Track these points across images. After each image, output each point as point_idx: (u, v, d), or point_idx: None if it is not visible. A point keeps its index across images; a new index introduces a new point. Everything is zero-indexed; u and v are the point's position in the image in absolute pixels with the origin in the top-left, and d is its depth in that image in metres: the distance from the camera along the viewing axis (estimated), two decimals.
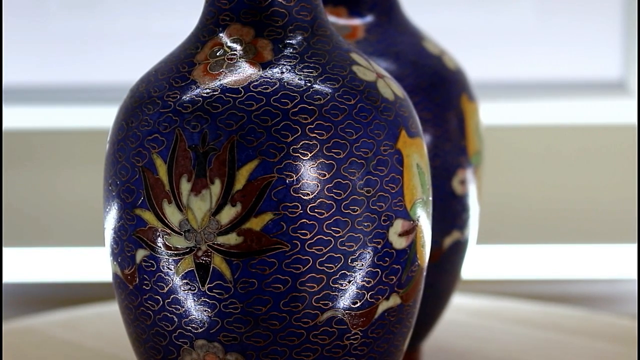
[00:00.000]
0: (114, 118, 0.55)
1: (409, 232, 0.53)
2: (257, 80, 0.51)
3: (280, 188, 0.49)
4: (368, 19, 0.69)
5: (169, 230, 0.51)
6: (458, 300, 0.89)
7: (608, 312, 1.39)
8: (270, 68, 0.52)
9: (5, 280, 1.47)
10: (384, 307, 0.53)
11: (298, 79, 0.51)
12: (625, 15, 1.48)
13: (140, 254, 0.52)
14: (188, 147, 0.50)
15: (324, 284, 0.50)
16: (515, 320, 0.85)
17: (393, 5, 0.69)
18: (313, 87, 0.51)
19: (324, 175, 0.50)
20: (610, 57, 1.49)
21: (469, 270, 0.75)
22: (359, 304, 0.52)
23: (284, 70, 0.52)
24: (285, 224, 0.49)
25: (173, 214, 0.50)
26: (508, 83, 1.49)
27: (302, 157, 0.50)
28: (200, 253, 0.50)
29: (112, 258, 0.54)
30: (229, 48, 0.53)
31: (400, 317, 0.54)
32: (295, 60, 0.52)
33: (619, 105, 1.47)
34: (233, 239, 0.50)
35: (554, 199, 1.48)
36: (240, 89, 0.51)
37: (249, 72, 0.52)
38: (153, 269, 0.52)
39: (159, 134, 0.51)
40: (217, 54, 0.53)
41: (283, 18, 0.53)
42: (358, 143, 0.51)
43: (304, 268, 0.50)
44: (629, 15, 1.47)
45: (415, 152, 0.54)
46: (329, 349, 0.52)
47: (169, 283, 0.51)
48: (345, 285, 0.51)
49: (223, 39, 0.53)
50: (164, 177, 0.51)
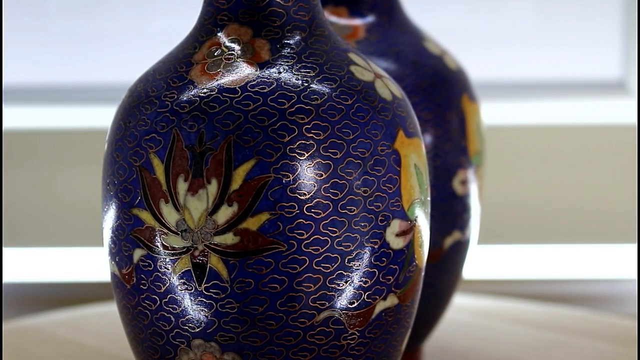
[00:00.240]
0: (113, 118, 0.55)
1: (407, 232, 0.53)
2: (254, 80, 0.51)
3: (277, 188, 0.49)
4: (369, 19, 0.68)
5: (166, 230, 0.51)
6: (459, 301, 0.88)
7: (608, 312, 1.39)
8: (268, 68, 0.52)
9: (5, 280, 1.47)
10: (381, 307, 0.52)
11: (295, 79, 0.51)
12: (625, 15, 1.47)
13: (138, 254, 0.52)
14: (185, 146, 0.50)
15: (321, 284, 0.50)
16: (517, 321, 0.84)
17: (394, 6, 0.69)
18: (310, 87, 0.51)
19: (321, 175, 0.50)
20: (610, 57, 1.49)
21: (470, 270, 0.75)
22: (356, 304, 0.51)
23: (282, 70, 0.52)
24: (282, 224, 0.49)
25: (170, 214, 0.50)
26: (507, 83, 1.49)
27: (298, 157, 0.49)
28: (197, 253, 0.50)
29: (110, 258, 0.54)
30: (227, 48, 0.53)
31: (398, 317, 0.54)
32: (293, 60, 0.52)
33: (619, 105, 1.47)
34: (230, 239, 0.49)
35: (554, 199, 1.48)
36: (238, 89, 0.51)
37: (247, 72, 0.52)
38: (150, 269, 0.52)
39: (156, 134, 0.51)
40: (214, 54, 0.53)
41: (281, 18, 0.53)
42: (355, 143, 0.51)
43: (301, 268, 0.50)
44: (629, 15, 1.47)
45: (413, 152, 0.54)
46: (326, 349, 0.52)
47: (166, 283, 0.51)
48: (342, 285, 0.51)
49: (221, 39, 0.53)
50: (161, 176, 0.51)
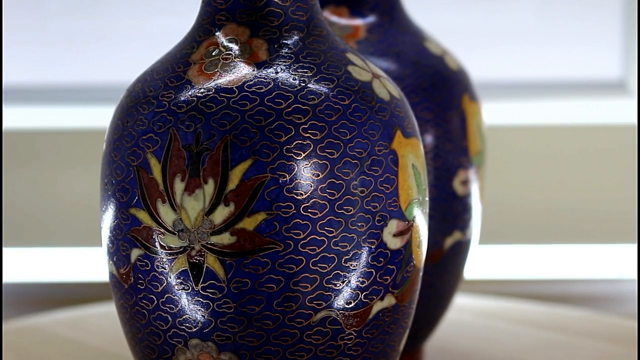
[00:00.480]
0: (111, 117, 0.55)
1: (404, 232, 0.53)
2: (251, 80, 0.51)
3: (274, 188, 0.49)
4: (370, 19, 0.68)
5: (163, 230, 0.50)
6: (460, 301, 0.88)
7: (608, 312, 1.39)
8: (265, 68, 0.52)
9: (5, 280, 1.47)
10: (379, 307, 0.52)
11: (292, 79, 0.51)
12: (625, 15, 1.47)
13: (135, 254, 0.52)
14: (182, 146, 0.50)
15: (318, 284, 0.50)
16: (518, 321, 0.84)
17: (395, 6, 0.69)
18: (307, 87, 0.51)
19: (318, 176, 0.50)
20: (610, 57, 1.49)
21: (472, 270, 0.75)
22: (353, 304, 0.51)
23: (279, 70, 0.52)
24: (279, 224, 0.49)
25: (167, 214, 0.50)
26: (507, 83, 1.49)
27: (295, 157, 0.49)
28: (194, 253, 0.50)
29: (108, 257, 0.54)
30: (224, 48, 0.53)
31: (396, 317, 0.54)
32: (290, 60, 0.52)
33: (619, 105, 1.47)
34: (226, 239, 0.49)
35: (554, 199, 1.48)
36: (235, 89, 0.51)
37: (244, 72, 0.51)
38: (147, 269, 0.52)
39: (154, 134, 0.51)
40: (212, 54, 0.53)
41: (279, 18, 0.53)
42: (352, 143, 0.51)
43: (297, 268, 0.50)
44: (629, 15, 1.47)
45: (411, 152, 0.53)
46: (323, 349, 0.51)
47: (163, 282, 0.51)
48: (339, 286, 0.51)
49: (219, 39, 0.53)
50: (158, 176, 0.50)
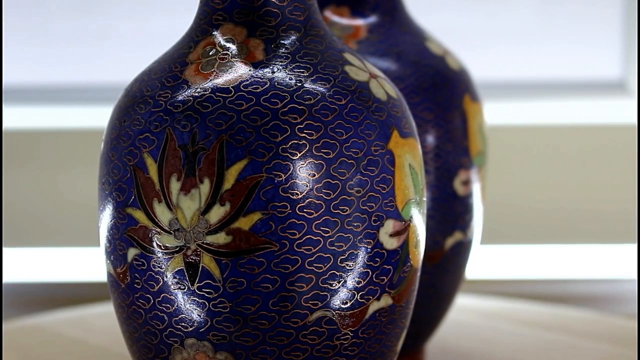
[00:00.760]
0: (109, 117, 0.55)
1: (401, 232, 0.53)
2: (247, 80, 0.51)
3: (269, 188, 0.49)
4: (371, 19, 0.68)
5: (159, 229, 0.51)
6: (462, 301, 0.88)
7: (608, 312, 1.39)
8: (262, 68, 0.52)
9: (5, 280, 1.47)
10: (375, 307, 0.52)
11: (289, 79, 0.51)
12: (625, 15, 1.47)
13: (132, 253, 0.52)
14: (178, 146, 0.50)
15: (313, 284, 0.50)
16: (520, 321, 0.84)
17: (396, 6, 0.69)
18: (304, 86, 0.51)
19: (314, 175, 0.50)
20: (610, 57, 1.49)
21: (473, 271, 0.75)
22: (349, 304, 0.51)
23: (275, 70, 0.52)
24: (274, 224, 0.49)
25: (163, 213, 0.50)
26: (507, 83, 1.49)
27: (291, 156, 0.49)
28: (190, 252, 0.50)
29: (105, 257, 0.54)
30: (221, 47, 0.53)
31: (393, 317, 0.54)
32: (287, 60, 0.52)
33: (619, 105, 1.47)
34: (222, 238, 0.49)
35: (554, 199, 1.48)
36: (231, 89, 0.51)
37: (240, 71, 0.52)
38: (144, 268, 0.52)
39: (150, 133, 0.51)
40: (209, 54, 0.53)
41: (276, 18, 0.53)
42: (348, 143, 0.51)
43: (293, 268, 0.50)
44: (629, 15, 1.47)
45: (408, 152, 0.53)
46: (319, 349, 0.51)
47: (160, 282, 0.51)
48: (335, 286, 0.51)
49: (216, 39, 0.53)
50: (154, 176, 0.51)
